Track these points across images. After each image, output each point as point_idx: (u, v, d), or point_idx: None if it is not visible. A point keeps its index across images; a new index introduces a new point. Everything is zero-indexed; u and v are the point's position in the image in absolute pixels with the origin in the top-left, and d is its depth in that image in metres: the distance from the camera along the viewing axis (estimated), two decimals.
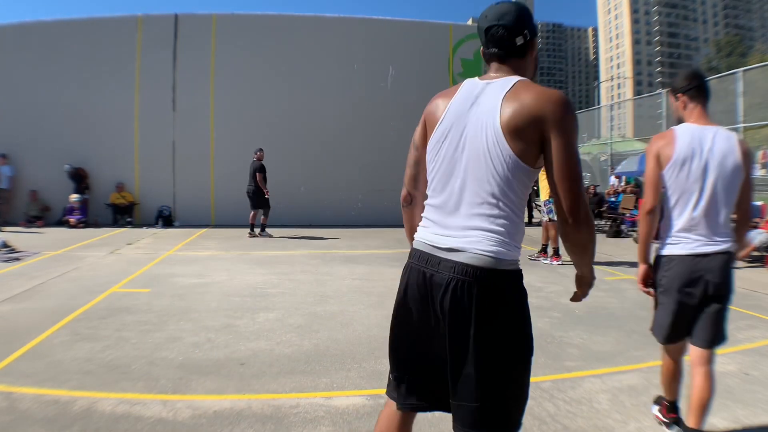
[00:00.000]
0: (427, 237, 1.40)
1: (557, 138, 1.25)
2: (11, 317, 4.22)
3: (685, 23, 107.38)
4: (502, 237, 1.31)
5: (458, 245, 1.31)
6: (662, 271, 2.18)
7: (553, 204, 1.35)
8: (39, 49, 11.79)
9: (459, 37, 13.18)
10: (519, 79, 1.34)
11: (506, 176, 1.29)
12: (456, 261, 1.30)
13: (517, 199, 1.32)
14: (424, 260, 1.37)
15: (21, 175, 11.62)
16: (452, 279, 1.29)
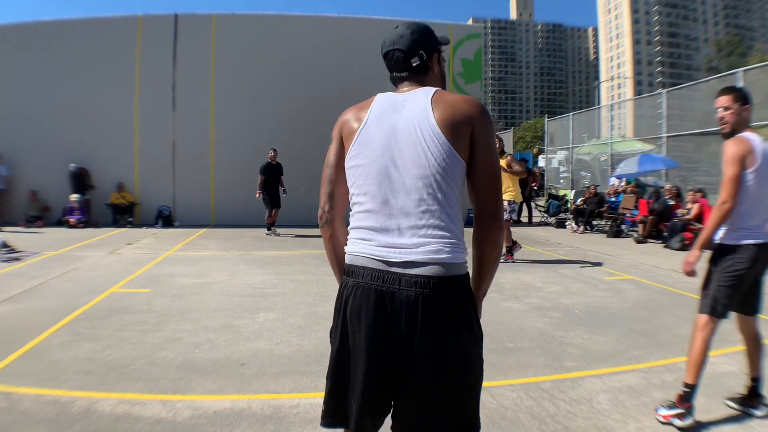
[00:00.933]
0: (371, 251, 1.31)
1: (484, 138, 1.31)
2: (11, 317, 4.22)
3: (685, 23, 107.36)
4: (455, 239, 1.30)
5: (415, 257, 1.26)
6: (735, 258, 2.50)
7: (474, 205, 1.34)
8: (39, 49, 11.79)
9: (459, 37, 13.19)
10: (436, 88, 1.39)
11: (446, 169, 1.28)
12: (419, 275, 1.25)
13: (457, 196, 1.31)
14: (377, 278, 1.28)
15: (21, 175, 11.62)
16: (418, 294, 1.24)
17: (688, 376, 2.54)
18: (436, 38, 1.49)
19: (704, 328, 2.56)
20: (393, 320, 1.25)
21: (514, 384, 2.98)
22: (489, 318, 4.36)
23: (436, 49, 1.48)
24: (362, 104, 1.46)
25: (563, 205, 14.21)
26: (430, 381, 1.25)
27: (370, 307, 1.27)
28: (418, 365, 1.25)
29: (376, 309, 1.26)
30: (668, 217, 9.53)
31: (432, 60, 1.47)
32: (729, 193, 2.44)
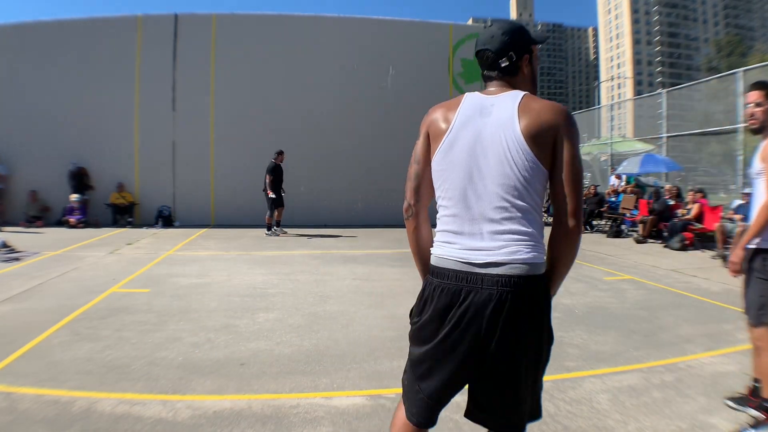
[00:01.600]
0: (455, 254, 1.38)
1: (567, 144, 1.34)
2: (11, 317, 4.22)
3: (685, 23, 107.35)
4: (534, 242, 1.36)
5: (497, 258, 1.33)
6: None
7: (555, 207, 1.39)
8: (39, 49, 11.79)
9: (459, 37, 13.17)
10: (524, 93, 1.41)
11: (528, 179, 1.33)
12: (500, 274, 1.32)
13: (538, 204, 1.38)
14: (461, 279, 1.35)
15: (20, 175, 11.61)
16: (500, 293, 1.31)
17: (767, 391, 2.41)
18: (530, 38, 1.49)
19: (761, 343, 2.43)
20: (475, 317, 1.32)
21: None
22: None
23: (527, 50, 1.49)
24: (450, 103, 1.48)
25: None
26: (507, 372, 1.35)
27: (453, 305, 1.35)
28: (498, 356, 1.33)
29: (459, 307, 1.34)
30: (668, 217, 9.53)
31: (522, 61, 1.48)
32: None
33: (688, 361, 3.38)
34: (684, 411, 2.63)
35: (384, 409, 2.63)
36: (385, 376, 3.08)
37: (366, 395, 2.81)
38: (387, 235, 10.38)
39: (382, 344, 3.67)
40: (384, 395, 2.81)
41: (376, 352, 3.52)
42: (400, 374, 3.24)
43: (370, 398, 2.76)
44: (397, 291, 5.36)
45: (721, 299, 4.90)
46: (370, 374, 3.11)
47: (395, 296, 5.12)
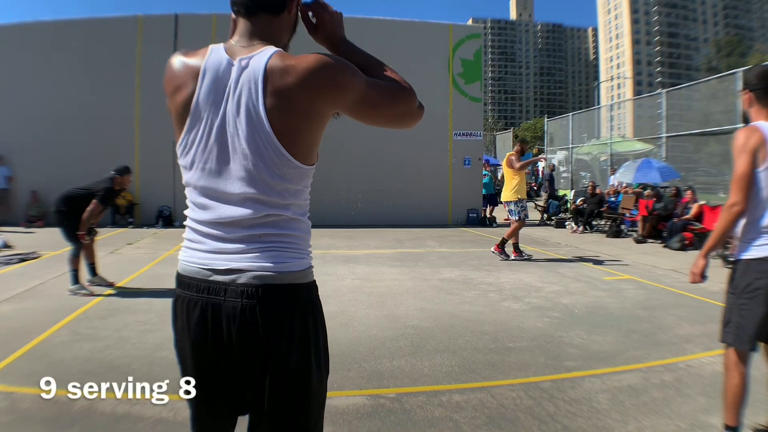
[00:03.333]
0: (197, 259, 1.13)
1: (342, 96, 1.10)
2: (11, 317, 4.22)
3: (685, 23, 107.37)
4: (290, 248, 1.13)
5: (240, 265, 1.09)
6: (752, 274, 2.12)
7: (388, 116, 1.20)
8: (39, 49, 11.79)
9: (459, 37, 13.19)
10: (275, 51, 1.09)
11: (282, 178, 1.10)
12: (242, 284, 1.08)
13: (297, 199, 1.16)
14: (204, 289, 1.11)
15: (21, 176, 11.62)
16: (241, 305, 1.07)
17: (728, 418, 2.18)
18: None
19: (737, 365, 2.15)
20: (218, 335, 1.11)
21: (514, 384, 2.98)
22: (489, 318, 4.38)
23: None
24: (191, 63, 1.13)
25: (563, 205, 14.22)
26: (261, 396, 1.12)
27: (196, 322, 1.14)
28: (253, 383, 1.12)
29: (202, 324, 1.12)
30: (668, 217, 9.54)
31: None
32: (738, 193, 2.08)
33: (687, 361, 3.38)
34: (684, 411, 2.63)
35: (384, 409, 2.63)
36: (385, 376, 3.08)
37: (366, 395, 2.81)
38: (387, 235, 10.38)
39: (381, 344, 3.68)
40: (384, 395, 2.81)
41: (375, 351, 3.52)
42: (400, 374, 3.26)
43: (370, 398, 2.77)
44: (397, 291, 5.36)
45: (720, 299, 4.88)
46: (370, 374, 3.12)
47: (395, 296, 5.13)
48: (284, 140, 1.07)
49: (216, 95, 1.09)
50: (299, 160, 1.11)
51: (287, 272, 1.11)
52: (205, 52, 1.13)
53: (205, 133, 1.10)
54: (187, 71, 1.13)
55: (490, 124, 53.69)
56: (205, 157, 1.11)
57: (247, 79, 1.07)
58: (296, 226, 1.16)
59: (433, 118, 12.94)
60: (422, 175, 12.79)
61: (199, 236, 1.14)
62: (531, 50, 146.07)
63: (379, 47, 13.37)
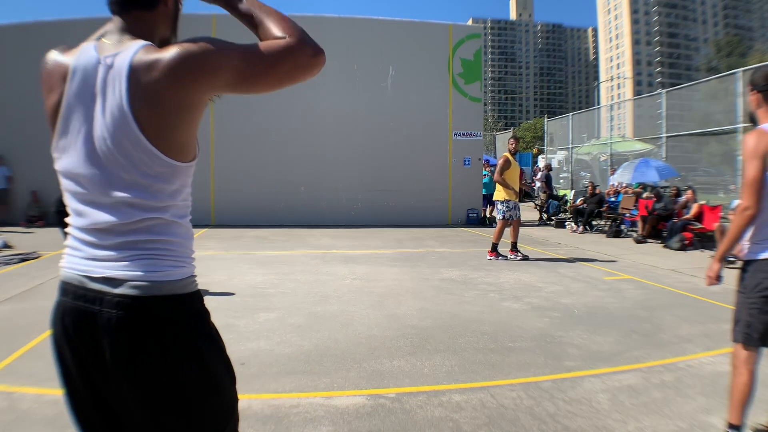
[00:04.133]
0: (77, 265, 1.07)
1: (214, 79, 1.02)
2: (11, 317, 4.23)
3: (685, 23, 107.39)
4: (168, 255, 1.06)
5: (115, 273, 1.02)
6: (761, 274, 2.15)
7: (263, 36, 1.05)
8: (39, 49, 11.70)
9: (459, 37, 13.19)
10: (140, 46, 1.02)
11: (154, 179, 1.03)
12: (118, 294, 1.01)
13: (174, 200, 1.08)
14: (81, 296, 1.03)
15: (22, 176, 11.62)
16: (117, 317, 1.00)
17: (732, 416, 2.20)
18: None
19: (746, 363, 2.18)
20: (93, 346, 1.04)
21: (514, 384, 2.98)
22: (489, 318, 4.38)
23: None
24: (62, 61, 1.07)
25: (563, 205, 14.22)
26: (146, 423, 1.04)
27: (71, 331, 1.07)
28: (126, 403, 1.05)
29: (78, 333, 1.06)
30: (668, 217, 9.54)
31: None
32: (750, 198, 2.10)
33: (687, 361, 3.38)
34: (683, 411, 2.63)
35: (384, 408, 2.63)
36: (385, 376, 3.08)
37: (366, 395, 2.81)
38: (387, 235, 10.38)
39: (382, 344, 3.68)
40: (384, 395, 2.81)
41: (376, 351, 3.52)
42: (400, 374, 3.26)
43: (370, 398, 2.77)
44: (397, 291, 5.36)
45: (720, 299, 4.90)
46: (370, 374, 3.12)
47: (395, 296, 5.13)
48: (155, 138, 1.00)
49: (84, 96, 1.03)
50: (174, 158, 1.04)
51: (165, 282, 1.04)
52: (78, 51, 1.07)
53: (75, 137, 1.04)
54: (57, 71, 1.06)
55: (490, 124, 53.68)
56: (76, 161, 1.04)
57: (112, 78, 1.00)
58: (174, 230, 1.08)
59: (433, 118, 12.96)
60: (422, 175, 12.79)
61: (78, 242, 1.08)
62: (531, 50, 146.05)
63: (380, 47, 13.35)
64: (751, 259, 2.21)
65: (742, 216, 2.13)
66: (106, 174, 1.03)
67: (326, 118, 12.37)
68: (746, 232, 2.18)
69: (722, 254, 2.27)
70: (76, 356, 1.07)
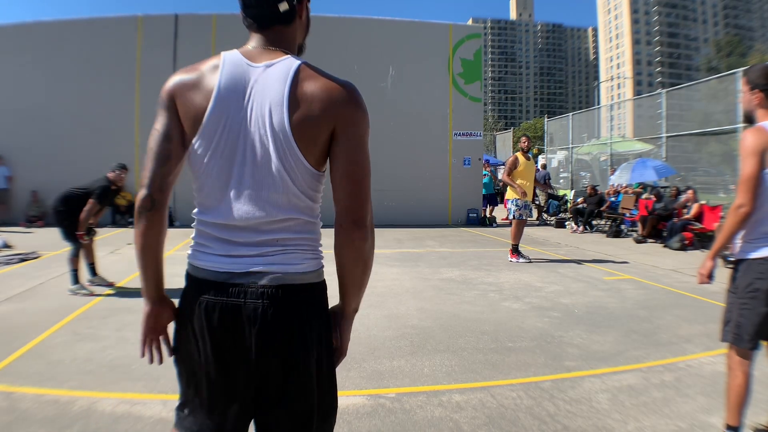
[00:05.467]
0: (214, 263, 1.14)
1: (345, 135, 1.12)
2: (11, 317, 4.22)
3: (685, 23, 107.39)
4: (303, 249, 1.15)
5: (259, 267, 1.11)
6: (753, 274, 2.13)
7: (336, 208, 1.13)
8: (39, 49, 11.79)
9: (459, 37, 13.19)
10: (300, 63, 1.15)
11: (299, 184, 1.12)
12: (262, 285, 1.10)
13: (312, 206, 1.17)
14: (221, 291, 1.11)
15: (21, 176, 11.62)
16: (262, 306, 1.09)
17: (730, 418, 2.18)
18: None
19: (740, 364, 2.17)
20: (235, 337, 1.12)
21: (514, 384, 2.98)
22: (489, 318, 4.37)
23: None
24: (204, 69, 1.16)
25: (563, 205, 14.22)
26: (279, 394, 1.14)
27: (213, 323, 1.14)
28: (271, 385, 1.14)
29: (219, 325, 1.13)
30: (668, 217, 9.54)
31: (302, 3, 1.23)
32: (745, 195, 2.07)
33: (687, 361, 3.38)
34: (683, 411, 2.63)
35: (384, 408, 2.63)
36: (385, 376, 3.08)
37: (366, 395, 2.81)
38: (387, 235, 10.38)
39: (382, 344, 3.68)
40: (384, 395, 2.81)
41: (376, 351, 3.52)
42: (400, 374, 3.25)
43: (370, 398, 2.77)
44: (397, 291, 5.36)
45: (720, 299, 4.88)
46: (370, 374, 3.12)
47: (395, 296, 5.13)
48: (303, 148, 1.10)
49: (236, 100, 1.11)
50: (315, 167, 1.13)
51: (304, 272, 1.14)
52: (215, 59, 1.17)
53: (223, 137, 1.11)
54: (200, 78, 1.14)
55: (490, 124, 53.70)
56: (222, 160, 1.12)
57: (272, 89, 1.10)
58: (311, 229, 1.18)
59: (433, 118, 12.96)
60: (422, 175, 12.80)
61: (211, 240, 1.15)
62: (531, 50, 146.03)
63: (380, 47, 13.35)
64: (743, 259, 2.18)
65: (737, 213, 2.10)
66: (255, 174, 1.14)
67: None
68: (741, 230, 2.15)
69: (716, 252, 2.24)
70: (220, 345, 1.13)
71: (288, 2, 1.19)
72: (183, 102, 1.13)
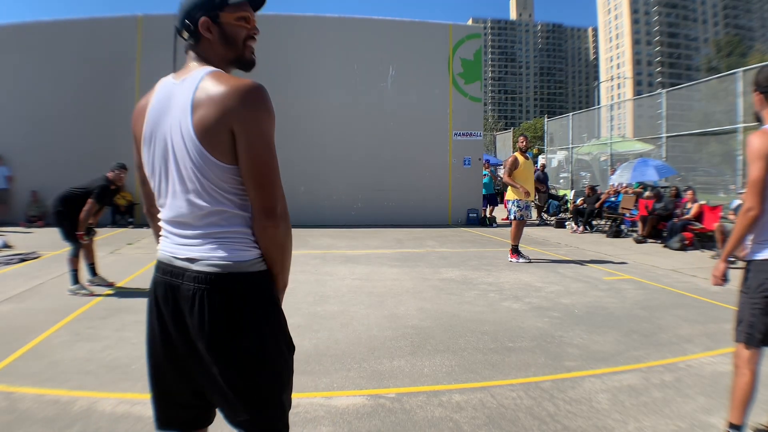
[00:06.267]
0: (168, 248, 1.33)
1: (243, 134, 1.21)
2: (11, 317, 4.23)
3: (685, 23, 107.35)
4: (233, 240, 1.28)
5: (195, 254, 1.27)
6: (765, 274, 2.15)
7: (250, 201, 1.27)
8: (39, 49, 11.79)
9: (459, 37, 13.18)
10: (207, 72, 1.27)
11: (216, 180, 1.24)
12: (196, 270, 1.25)
13: (234, 199, 1.27)
14: (168, 272, 1.30)
15: (21, 176, 11.62)
16: (195, 289, 1.24)
17: (734, 416, 2.20)
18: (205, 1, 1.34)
19: (748, 363, 2.18)
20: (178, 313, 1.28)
21: (514, 384, 2.98)
22: (489, 318, 4.37)
23: (205, 10, 1.32)
24: (146, 98, 1.38)
25: (563, 205, 14.22)
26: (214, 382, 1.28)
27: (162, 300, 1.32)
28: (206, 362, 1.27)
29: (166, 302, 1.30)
30: (668, 217, 9.54)
31: (200, 26, 1.32)
32: (754, 198, 2.10)
33: (687, 361, 3.38)
34: (683, 411, 2.63)
35: (384, 408, 2.63)
36: (385, 376, 3.08)
37: (366, 395, 2.81)
38: (387, 235, 10.38)
39: (382, 344, 3.68)
40: (384, 395, 2.81)
41: (376, 351, 3.52)
42: (400, 374, 3.25)
43: (370, 398, 2.77)
44: (397, 291, 5.36)
45: (720, 299, 4.90)
46: (370, 374, 3.12)
47: (395, 296, 5.13)
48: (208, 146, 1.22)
49: (163, 113, 1.30)
50: (224, 162, 1.24)
51: (236, 261, 1.26)
52: None
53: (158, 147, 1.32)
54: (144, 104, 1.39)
55: (490, 124, 53.68)
56: (159, 166, 1.32)
57: (182, 97, 1.26)
58: (241, 222, 1.30)
59: (433, 118, 12.96)
60: (422, 175, 12.79)
61: (167, 232, 1.36)
62: (531, 50, 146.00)
63: (380, 47, 13.33)
64: (754, 260, 2.21)
65: (746, 217, 2.13)
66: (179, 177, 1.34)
67: (326, 118, 12.36)
68: (750, 232, 2.18)
69: (727, 254, 2.26)
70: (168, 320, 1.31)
71: (185, 28, 1.34)
72: (136, 129, 1.40)
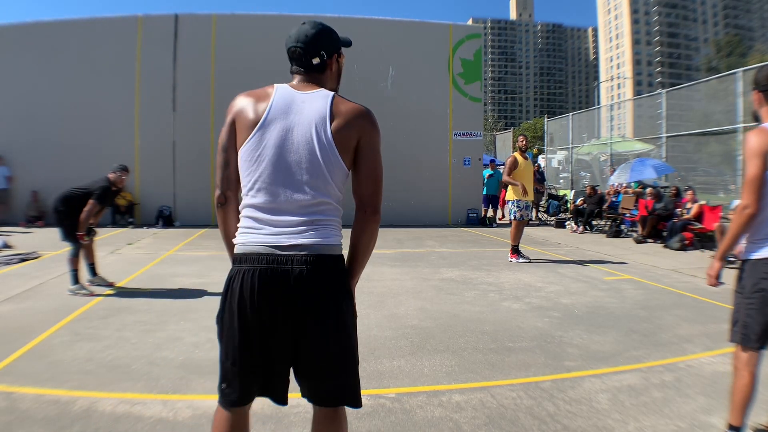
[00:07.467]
0: (262, 240, 1.46)
1: (368, 145, 1.55)
2: (11, 317, 4.22)
3: (685, 23, 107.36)
4: (331, 227, 1.54)
5: (301, 241, 1.46)
6: (759, 274, 2.14)
7: (359, 199, 1.60)
8: (39, 49, 11.79)
9: (459, 37, 13.19)
10: (333, 93, 1.56)
11: (333, 177, 1.51)
12: (305, 255, 1.45)
13: (338, 194, 1.57)
14: (270, 260, 1.44)
15: (21, 176, 11.62)
16: (306, 270, 1.43)
17: (733, 417, 2.19)
18: (338, 40, 1.70)
19: (747, 364, 2.17)
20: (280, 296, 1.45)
21: (514, 384, 2.98)
22: (489, 318, 4.38)
23: (336, 50, 1.69)
24: (260, 93, 1.55)
25: (563, 205, 14.21)
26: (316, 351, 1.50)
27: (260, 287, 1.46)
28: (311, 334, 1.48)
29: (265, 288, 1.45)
30: (668, 217, 9.54)
31: (331, 59, 1.65)
32: (750, 196, 2.09)
33: (687, 361, 3.38)
34: (683, 411, 2.63)
35: (384, 409, 2.63)
36: (385, 376, 3.08)
37: (366, 395, 2.80)
38: (387, 235, 10.38)
39: (381, 344, 3.68)
40: (384, 395, 2.81)
41: (376, 351, 3.52)
42: (400, 374, 3.25)
43: (370, 398, 2.76)
44: (397, 291, 5.36)
45: (720, 299, 4.90)
46: (370, 374, 3.12)
47: (395, 296, 5.13)
48: (340, 150, 1.49)
49: (287, 110, 1.49)
50: (346, 166, 1.53)
51: (333, 245, 1.53)
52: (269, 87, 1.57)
53: (278, 136, 1.47)
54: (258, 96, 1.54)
55: (490, 124, 53.68)
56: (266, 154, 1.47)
57: (317, 105, 1.50)
58: (335, 212, 1.56)
59: (433, 118, 12.96)
60: (422, 175, 12.79)
61: (256, 221, 1.49)
62: (531, 50, 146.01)
63: (380, 47, 13.33)
64: (749, 259, 2.20)
65: (742, 215, 2.12)
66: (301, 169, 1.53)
67: None
68: (746, 231, 2.16)
69: (723, 253, 2.26)
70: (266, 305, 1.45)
71: (320, 57, 1.60)
72: (241, 114, 1.52)
